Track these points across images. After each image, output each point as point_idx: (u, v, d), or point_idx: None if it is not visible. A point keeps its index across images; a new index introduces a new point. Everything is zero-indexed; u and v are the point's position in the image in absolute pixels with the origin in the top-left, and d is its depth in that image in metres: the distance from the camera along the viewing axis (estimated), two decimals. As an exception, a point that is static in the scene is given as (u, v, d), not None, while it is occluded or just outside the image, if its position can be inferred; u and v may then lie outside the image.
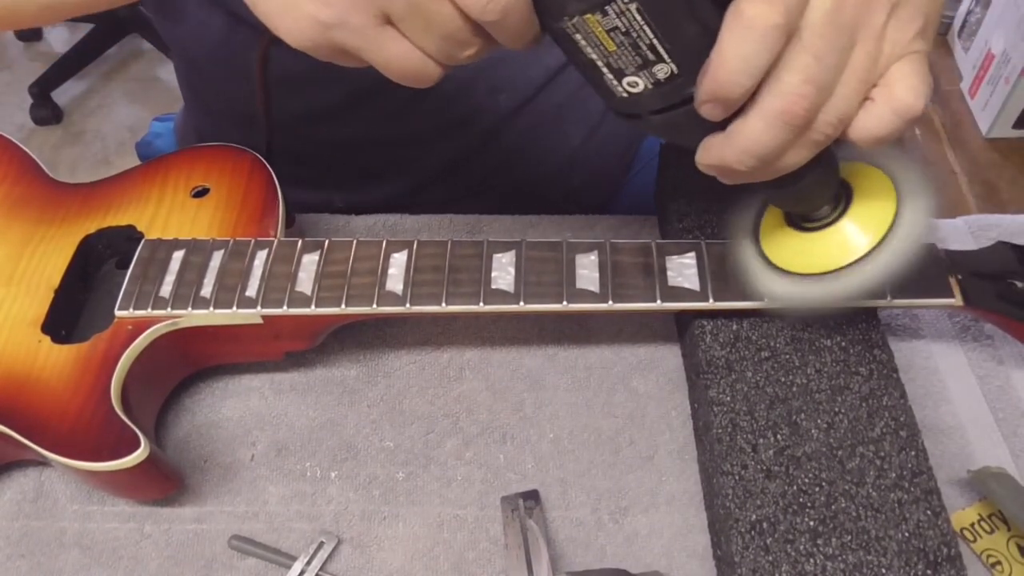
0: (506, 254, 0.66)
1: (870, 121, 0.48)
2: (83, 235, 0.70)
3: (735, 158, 0.47)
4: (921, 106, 0.47)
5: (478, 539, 0.63)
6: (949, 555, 0.55)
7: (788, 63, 0.44)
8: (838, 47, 0.45)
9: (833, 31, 0.45)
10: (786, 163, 0.48)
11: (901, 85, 0.47)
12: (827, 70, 0.45)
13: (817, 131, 0.47)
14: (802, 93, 0.45)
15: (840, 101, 0.46)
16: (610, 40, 0.44)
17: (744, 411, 0.62)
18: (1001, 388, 0.69)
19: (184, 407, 0.71)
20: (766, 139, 0.46)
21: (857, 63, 0.46)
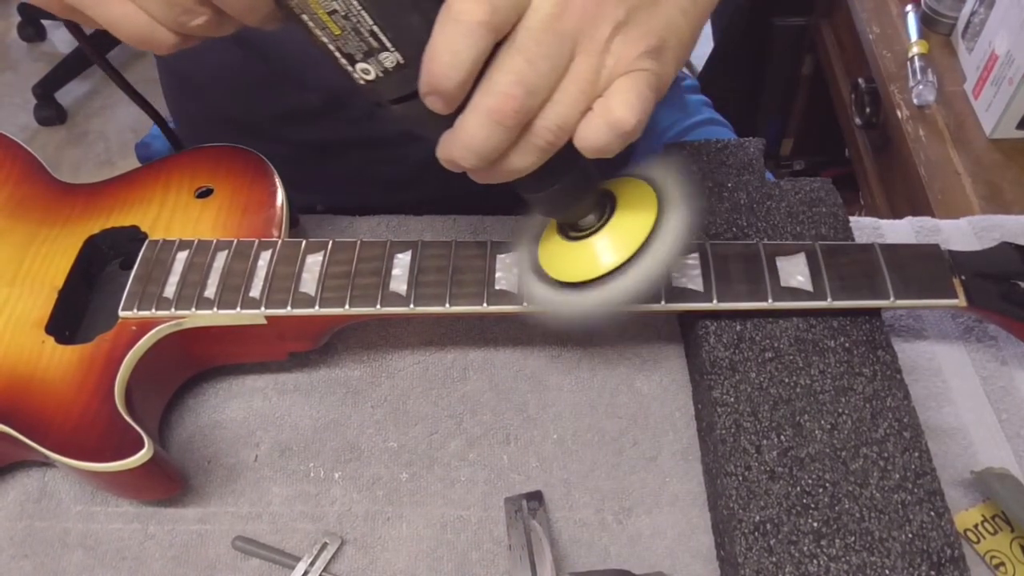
0: (510, 255, 0.66)
1: (588, 131, 0.48)
2: (87, 236, 0.71)
3: (459, 154, 0.48)
4: (634, 122, 0.48)
5: (482, 540, 0.63)
6: (953, 556, 0.55)
7: (501, 63, 0.46)
8: (553, 54, 0.46)
9: (549, 37, 0.46)
10: (514, 165, 0.49)
11: (617, 99, 0.48)
12: (539, 75, 0.46)
13: (537, 135, 0.48)
14: (511, 93, 0.46)
15: (559, 108, 0.47)
16: (333, 23, 0.45)
17: (748, 412, 0.62)
18: (1005, 389, 0.69)
19: (188, 408, 0.71)
20: (481, 136, 0.47)
21: (578, 73, 0.47)
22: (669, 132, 1.07)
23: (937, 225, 0.81)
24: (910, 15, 1.63)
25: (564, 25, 0.46)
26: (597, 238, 0.57)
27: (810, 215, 0.72)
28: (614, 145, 0.49)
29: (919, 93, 1.50)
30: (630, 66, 0.48)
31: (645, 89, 0.48)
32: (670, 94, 1.12)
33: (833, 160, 2.20)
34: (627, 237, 0.56)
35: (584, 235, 0.57)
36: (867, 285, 0.64)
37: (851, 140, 1.81)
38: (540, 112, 0.47)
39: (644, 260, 0.56)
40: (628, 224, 0.56)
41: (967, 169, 1.40)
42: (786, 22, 2.06)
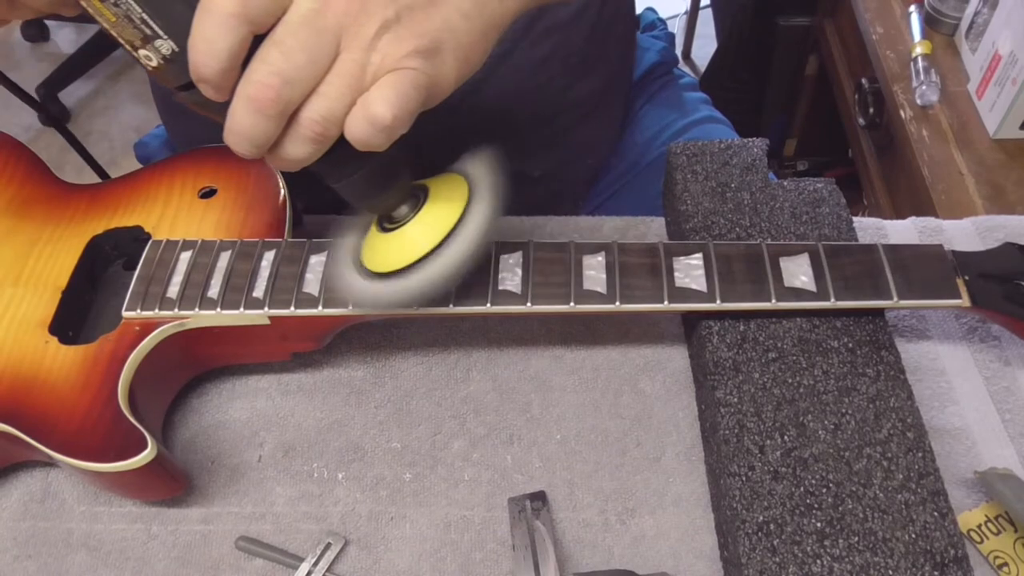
0: (513, 255, 0.66)
1: (352, 125, 0.50)
2: (90, 236, 0.71)
3: (232, 140, 0.50)
4: (390, 117, 0.49)
5: (485, 540, 0.63)
6: (956, 556, 0.55)
7: (260, 54, 0.47)
8: (311, 47, 0.48)
9: (307, 32, 0.47)
10: (290, 154, 0.51)
11: (375, 95, 0.49)
12: (296, 66, 0.48)
13: (304, 126, 0.49)
14: (267, 83, 0.47)
15: (323, 100, 0.49)
16: (107, 10, 0.47)
17: (751, 412, 0.62)
18: (1008, 389, 0.69)
19: (191, 408, 0.71)
20: (245, 123, 0.48)
21: (342, 67, 0.49)
22: (667, 131, 1.07)
23: (940, 225, 0.81)
24: (913, 15, 1.63)
25: (325, 21, 0.48)
26: (406, 229, 0.58)
27: (813, 215, 0.72)
28: (376, 139, 0.50)
29: (923, 93, 1.50)
30: (396, 64, 0.49)
31: (408, 87, 0.49)
32: (666, 93, 1.12)
33: (837, 160, 2.19)
34: (436, 225, 0.58)
35: (396, 226, 0.59)
36: (870, 285, 0.64)
37: (854, 140, 1.81)
38: (305, 104, 0.49)
39: (448, 249, 0.57)
40: (436, 215, 0.58)
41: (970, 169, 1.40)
42: (790, 22, 2.06)
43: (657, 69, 1.12)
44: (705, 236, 0.71)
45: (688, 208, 0.73)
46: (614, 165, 1.08)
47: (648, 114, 1.10)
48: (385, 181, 0.57)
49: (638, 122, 1.09)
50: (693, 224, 0.72)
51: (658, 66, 1.12)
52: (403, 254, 0.58)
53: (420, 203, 0.59)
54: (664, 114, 1.09)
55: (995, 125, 1.42)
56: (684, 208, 0.73)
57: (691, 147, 0.78)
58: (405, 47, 0.49)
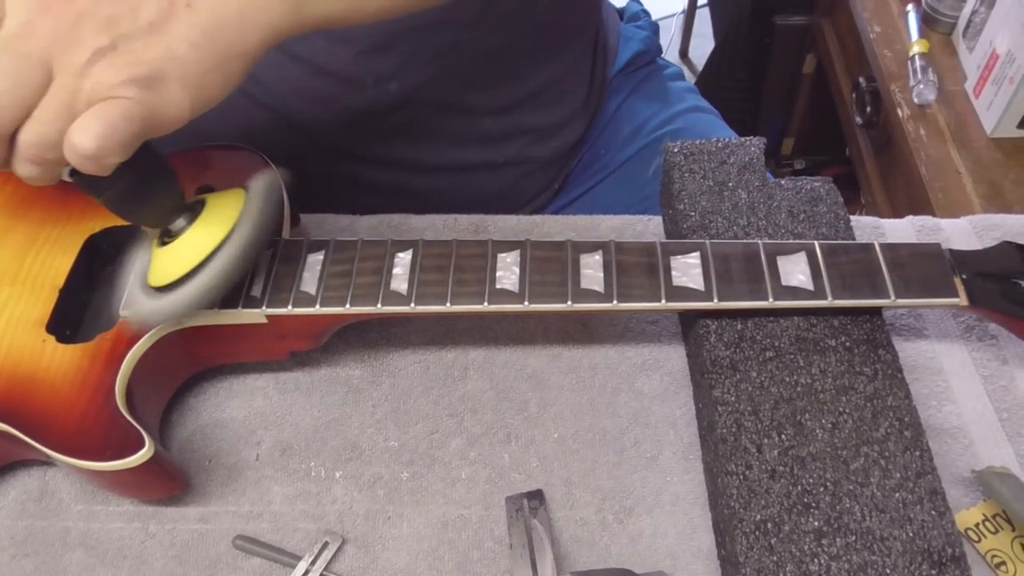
0: (511, 254, 0.66)
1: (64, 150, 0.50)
2: (88, 235, 0.70)
3: None
4: (92, 147, 0.49)
5: (483, 539, 0.63)
6: (954, 555, 0.55)
7: None
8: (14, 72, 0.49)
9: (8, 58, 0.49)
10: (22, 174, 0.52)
11: (79, 124, 0.49)
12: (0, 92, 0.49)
13: (22, 150, 0.51)
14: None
15: (36, 125, 0.50)
16: None
17: (749, 411, 0.62)
18: (1006, 388, 0.69)
19: (189, 407, 0.71)
20: None
21: (54, 94, 0.50)
22: (652, 121, 1.07)
23: (938, 224, 0.81)
24: (911, 14, 1.64)
25: (29, 47, 0.49)
26: (177, 243, 0.59)
27: (811, 214, 0.72)
28: (85, 166, 0.50)
29: (920, 92, 1.50)
30: (109, 92, 0.50)
31: (116, 116, 0.49)
32: (648, 85, 1.12)
33: (834, 159, 2.20)
34: (201, 242, 0.59)
35: (171, 240, 0.60)
36: (868, 284, 0.64)
37: (852, 139, 1.81)
38: (21, 127, 0.50)
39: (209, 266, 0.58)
40: (205, 230, 0.59)
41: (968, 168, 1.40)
42: (787, 21, 2.07)
43: (640, 58, 1.12)
44: (702, 235, 0.71)
45: (685, 207, 0.73)
46: (598, 156, 1.08)
47: (631, 106, 1.09)
48: (141, 198, 0.58)
49: (621, 114, 1.09)
50: (690, 223, 0.72)
51: (641, 55, 1.12)
52: (174, 269, 0.59)
53: (196, 217, 0.60)
54: (647, 105, 1.09)
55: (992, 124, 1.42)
56: (681, 207, 0.73)
57: (688, 146, 0.78)
58: (119, 75, 0.50)
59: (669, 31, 3.03)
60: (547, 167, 1.05)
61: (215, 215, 0.60)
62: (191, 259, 0.59)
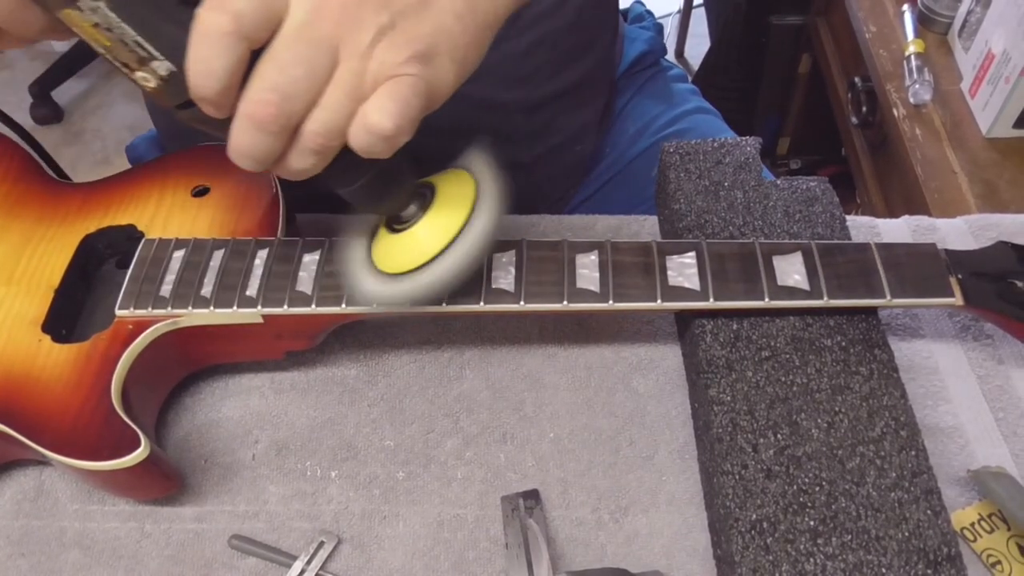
0: (506, 253, 0.66)
1: (354, 135, 0.50)
2: (83, 234, 0.70)
3: (234, 156, 0.50)
4: (391, 127, 0.49)
5: (478, 538, 0.63)
6: (949, 555, 0.55)
7: (257, 71, 0.47)
8: (308, 59, 0.47)
9: (302, 45, 0.47)
10: (295, 167, 0.51)
11: (374, 104, 0.49)
12: (293, 80, 0.47)
13: (307, 139, 0.49)
14: (266, 100, 0.47)
15: (325, 112, 0.49)
16: (100, 35, 0.46)
17: (744, 411, 0.62)
18: (1001, 388, 0.69)
19: (184, 406, 0.71)
20: (246, 140, 0.49)
21: (341, 78, 0.48)
22: (656, 122, 1.07)
23: (934, 224, 0.81)
24: (906, 14, 1.64)
25: (320, 31, 0.47)
26: (415, 229, 0.59)
27: (806, 214, 0.72)
28: (378, 148, 0.50)
29: (915, 92, 1.50)
30: (394, 71, 0.49)
31: (408, 94, 0.49)
32: (655, 84, 1.12)
33: (830, 159, 2.20)
34: (445, 226, 0.58)
35: (405, 227, 0.59)
36: (864, 284, 0.64)
37: (848, 139, 1.81)
38: (308, 116, 0.49)
39: (458, 247, 0.58)
40: (445, 214, 0.58)
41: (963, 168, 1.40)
42: (783, 21, 2.07)
43: (645, 59, 1.12)
44: (698, 235, 0.71)
45: (681, 207, 0.73)
46: (604, 156, 1.08)
47: (637, 105, 1.10)
48: (390, 186, 0.57)
49: (627, 114, 1.09)
50: (686, 223, 0.72)
51: (646, 55, 1.12)
52: (413, 255, 0.58)
53: (427, 202, 0.59)
54: (652, 105, 1.09)
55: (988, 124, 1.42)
56: (677, 207, 0.73)
57: (684, 146, 0.78)
58: (402, 53, 0.49)
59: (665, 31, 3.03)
60: (570, 172, 1.05)
61: (450, 198, 0.59)
62: (435, 243, 0.58)
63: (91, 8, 0.45)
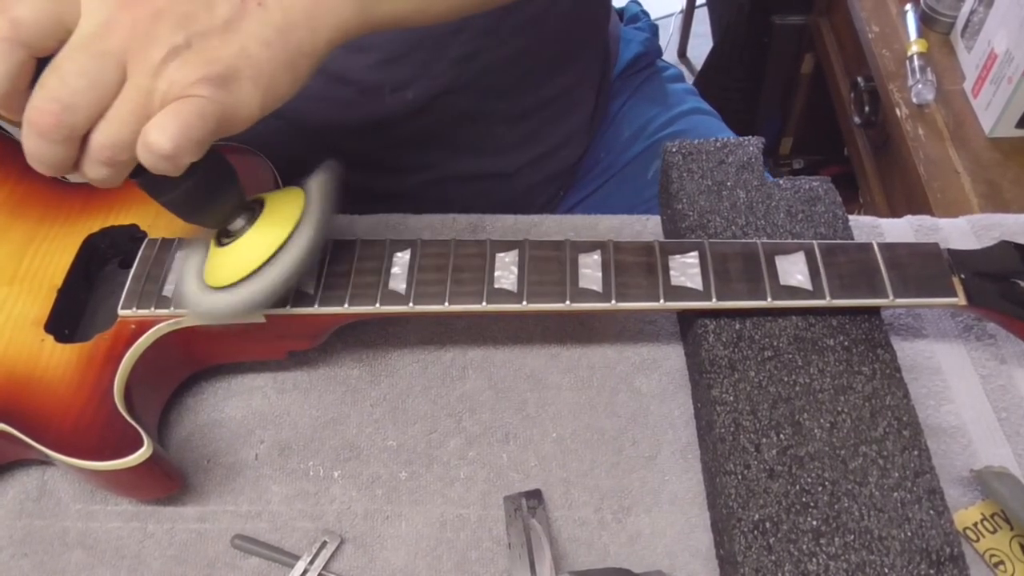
0: (509, 253, 0.66)
1: (138, 151, 0.50)
2: (86, 234, 0.70)
3: (30, 160, 0.50)
4: (169, 147, 0.48)
5: (481, 538, 0.63)
6: (952, 555, 0.55)
7: (40, 79, 0.48)
8: (91, 72, 0.47)
9: (86, 57, 0.47)
10: (91, 176, 0.51)
11: (155, 123, 0.49)
12: (74, 91, 0.47)
13: (94, 151, 0.50)
14: (45, 108, 0.47)
15: (110, 125, 0.49)
16: None
17: (747, 411, 0.62)
18: (1004, 387, 0.69)
19: (187, 406, 0.71)
20: (31, 147, 0.49)
21: (128, 93, 0.49)
22: (652, 124, 1.07)
23: (936, 224, 0.81)
24: (909, 14, 1.64)
25: (107, 44, 0.47)
26: (238, 243, 0.59)
27: (809, 214, 0.72)
28: (160, 166, 0.50)
29: (918, 92, 1.50)
30: (184, 91, 0.49)
31: (192, 115, 0.49)
32: (650, 86, 1.12)
33: (832, 159, 2.20)
34: (263, 243, 0.59)
35: (230, 241, 0.59)
36: (866, 284, 0.64)
37: (850, 139, 1.81)
38: (95, 128, 0.49)
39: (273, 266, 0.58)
40: (267, 230, 0.59)
41: (966, 168, 1.40)
42: (786, 21, 2.07)
43: (640, 60, 1.12)
44: (701, 234, 0.71)
45: (684, 207, 0.73)
46: (599, 159, 1.08)
47: (633, 108, 1.09)
48: (206, 198, 0.57)
49: (623, 117, 1.09)
50: (689, 223, 0.72)
51: (641, 57, 1.12)
52: (236, 268, 0.59)
53: (255, 217, 0.59)
54: (648, 107, 1.09)
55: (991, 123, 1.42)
56: (680, 207, 0.73)
57: (687, 146, 0.78)
58: (194, 74, 0.49)
59: (667, 31, 3.03)
60: (555, 178, 1.05)
61: (275, 214, 0.59)
62: (255, 259, 0.58)
63: None
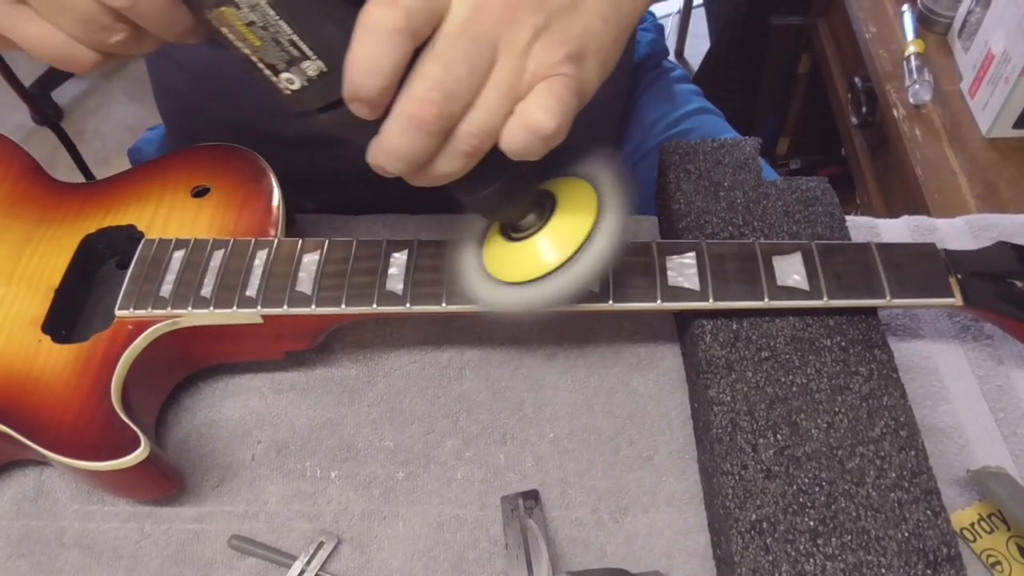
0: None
1: (509, 136, 0.48)
2: (83, 235, 0.71)
3: (384, 159, 0.48)
4: (553, 126, 0.48)
5: (478, 539, 0.63)
6: (949, 555, 0.55)
7: (419, 69, 0.46)
8: (471, 58, 0.46)
9: (465, 43, 0.46)
10: (442, 170, 0.49)
11: (535, 103, 0.48)
12: (457, 80, 0.46)
13: (461, 141, 0.48)
14: (429, 99, 0.46)
15: (481, 113, 0.47)
16: (252, 35, 0.45)
17: (744, 411, 0.62)
18: (1001, 388, 0.69)
19: (184, 407, 0.71)
20: (403, 142, 0.47)
21: (498, 77, 0.47)
22: (658, 124, 1.07)
23: (933, 224, 0.81)
24: (906, 14, 1.63)
25: (482, 30, 0.46)
26: (537, 238, 0.58)
27: (806, 214, 0.72)
28: (535, 148, 0.49)
29: (915, 92, 1.50)
30: (550, 71, 0.48)
31: (565, 93, 0.48)
32: (657, 86, 1.12)
33: (829, 159, 2.20)
34: (567, 237, 0.57)
35: (525, 236, 0.58)
36: (863, 284, 0.64)
37: (847, 139, 1.81)
38: (463, 117, 0.48)
39: (583, 259, 0.57)
40: (568, 224, 0.57)
41: (963, 168, 1.40)
42: (783, 21, 2.06)
43: (647, 61, 1.12)
44: (698, 235, 0.71)
45: (681, 207, 0.73)
46: None
47: (642, 107, 1.09)
48: (518, 193, 0.56)
49: (631, 115, 1.09)
50: (686, 223, 0.72)
51: (648, 57, 1.12)
52: (536, 264, 0.57)
53: (547, 211, 0.58)
54: (657, 106, 1.09)
55: (988, 124, 1.42)
56: (677, 207, 0.73)
57: (683, 146, 0.78)
58: (557, 53, 0.48)
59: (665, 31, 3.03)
60: None
61: (572, 205, 0.58)
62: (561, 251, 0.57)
63: (250, 6, 0.44)
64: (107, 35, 0.47)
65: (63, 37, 0.48)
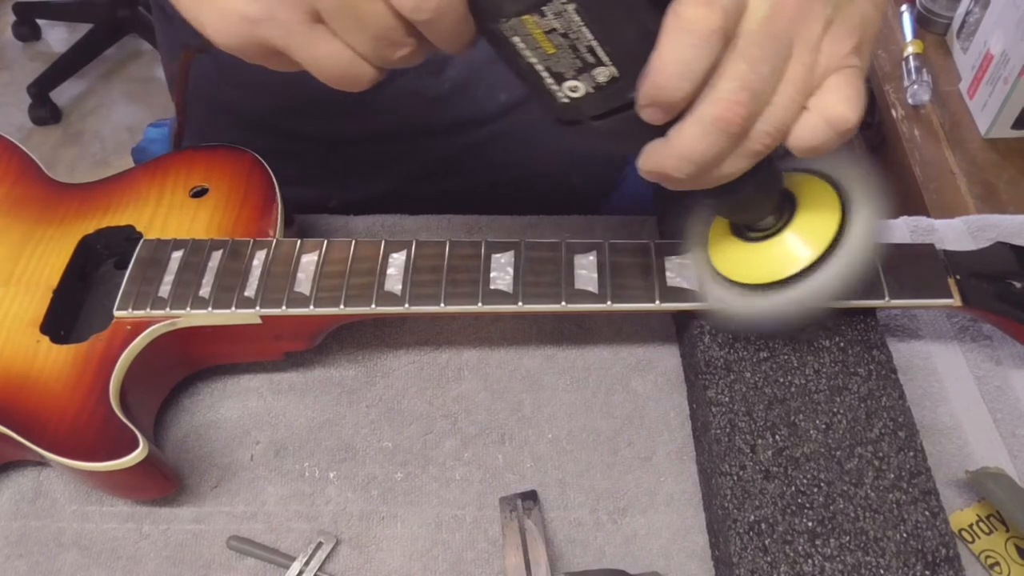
0: (505, 254, 0.66)
1: (805, 131, 0.48)
2: (82, 235, 0.70)
3: (673, 164, 0.47)
4: (855, 119, 0.47)
5: (476, 539, 0.63)
6: (947, 556, 0.55)
7: (725, 70, 0.44)
8: (773, 55, 0.45)
9: (768, 40, 0.45)
10: (725, 172, 0.48)
11: (835, 97, 0.47)
12: (762, 78, 0.45)
13: (755, 140, 0.47)
14: (738, 100, 0.44)
15: (777, 111, 0.46)
16: (548, 42, 0.43)
17: (742, 412, 0.62)
18: (999, 388, 0.69)
19: (183, 407, 0.71)
20: (703, 146, 0.46)
21: (794, 73, 0.46)
22: None
23: (932, 225, 0.81)
24: (905, 15, 1.64)
25: (779, 26, 0.45)
26: (785, 236, 0.56)
27: (805, 215, 0.72)
28: (832, 143, 0.48)
29: (914, 93, 1.50)
30: (841, 63, 0.47)
31: (861, 84, 0.48)
32: None
33: (829, 159, 2.19)
34: (816, 233, 0.56)
35: (766, 235, 0.57)
36: (862, 284, 0.64)
37: (846, 140, 1.81)
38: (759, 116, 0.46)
39: (839, 256, 0.55)
40: (815, 220, 0.56)
41: (962, 169, 1.41)
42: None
43: None
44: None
45: (680, 207, 0.73)
46: None
47: None
48: (774, 188, 0.55)
49: None
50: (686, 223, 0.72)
51: None
52: (781, 265, 0.56)
53: (786, 210, 0.57)
54: None
55: (987, 124, 1.43)
56: (675, 207, 0.73)
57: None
58: (846, 45, 0.48)
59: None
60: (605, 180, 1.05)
61: (814, 207, 0.56)
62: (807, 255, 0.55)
63: (556, 12, 0.42)
64: (394, 50, 0.46)
65: (350, 55, 0.46)
